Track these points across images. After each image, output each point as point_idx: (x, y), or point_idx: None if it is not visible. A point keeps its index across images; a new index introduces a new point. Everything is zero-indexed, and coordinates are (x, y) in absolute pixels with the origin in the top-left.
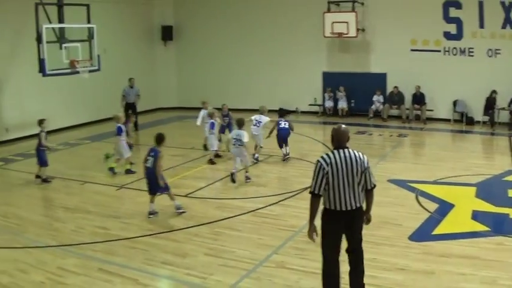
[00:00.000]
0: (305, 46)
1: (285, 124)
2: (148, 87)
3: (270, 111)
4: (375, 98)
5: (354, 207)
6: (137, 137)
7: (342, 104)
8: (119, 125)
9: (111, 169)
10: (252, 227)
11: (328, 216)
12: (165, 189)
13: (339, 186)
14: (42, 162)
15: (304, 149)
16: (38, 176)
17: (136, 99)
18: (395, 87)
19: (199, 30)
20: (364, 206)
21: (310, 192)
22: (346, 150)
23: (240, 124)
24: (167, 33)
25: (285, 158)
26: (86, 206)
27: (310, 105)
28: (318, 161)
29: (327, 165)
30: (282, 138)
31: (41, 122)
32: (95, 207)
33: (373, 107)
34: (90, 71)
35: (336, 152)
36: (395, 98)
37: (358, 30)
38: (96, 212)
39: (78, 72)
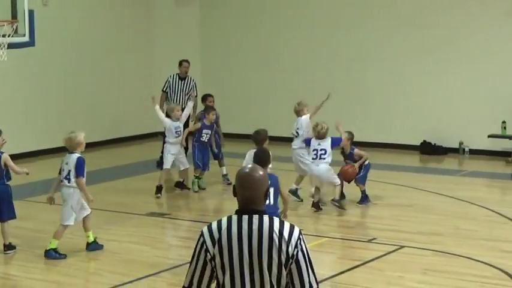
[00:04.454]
0: None
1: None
2: (143, 88)
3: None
4: None
5: None
6: None
7: None
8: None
9: None
10: None
11: None
12: None
13: (233, 280)
14: None
15: None
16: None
17: (190, 102)
18: None
19: None
20: None
21: None
22: (255, 216)
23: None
24: None
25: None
26: None
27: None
28: (202, 233)
29: (213, 243)
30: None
31: None
32: None
33: None
34: (11, 46)
35: (234, 218)
36: None
37: None
38: None
39: None
